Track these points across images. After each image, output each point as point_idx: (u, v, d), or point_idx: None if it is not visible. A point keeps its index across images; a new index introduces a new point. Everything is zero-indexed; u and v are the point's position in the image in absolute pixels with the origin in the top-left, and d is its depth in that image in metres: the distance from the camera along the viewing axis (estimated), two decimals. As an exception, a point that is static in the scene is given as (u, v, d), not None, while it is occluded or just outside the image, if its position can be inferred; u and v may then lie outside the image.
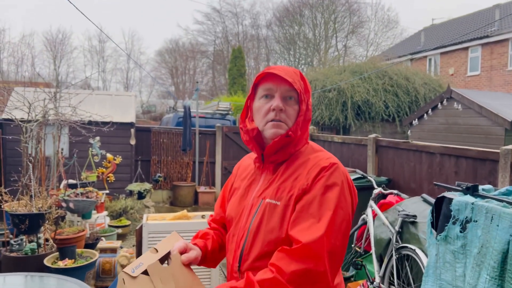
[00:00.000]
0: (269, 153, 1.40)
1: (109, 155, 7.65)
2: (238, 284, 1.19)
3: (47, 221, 3.99)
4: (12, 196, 4.03)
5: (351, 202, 1.33)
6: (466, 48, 17.41)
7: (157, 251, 1.37)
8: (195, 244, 1.47)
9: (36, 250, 3.81)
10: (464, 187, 2.57)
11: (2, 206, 3.91)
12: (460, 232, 2.43)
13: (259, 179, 1.46)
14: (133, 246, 5.67)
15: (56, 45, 28.14)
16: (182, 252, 1.37)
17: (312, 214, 1.24)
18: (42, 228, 3.93)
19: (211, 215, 1.71)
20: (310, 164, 1.35)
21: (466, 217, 2.40)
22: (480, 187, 2.57)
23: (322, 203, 1.25)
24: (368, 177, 4.84)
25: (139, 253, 3.70)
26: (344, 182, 1.31)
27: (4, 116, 5.48)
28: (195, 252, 1.40)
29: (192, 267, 1.39)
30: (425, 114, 9.89)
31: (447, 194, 2.63)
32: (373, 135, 5.75)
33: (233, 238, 1.44)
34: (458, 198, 2.49)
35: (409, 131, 10.62)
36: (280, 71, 1.37)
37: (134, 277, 1.24)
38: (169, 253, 1.36)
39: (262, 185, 1.43)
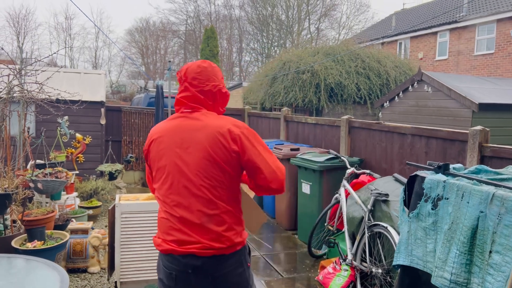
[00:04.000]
0: None
1: (78, 135, 7.43)
2: None
3: (14, 202, 3.85)
4: (-25, 176, 3.86)
5: None
6: (435, 33, 17.74)
7: None
8: None
9: (3, 231, 3.68)
10: (435, 166, 2.63)
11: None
12: (432, 209, 2.49)
13: None
14: (106, 226, 5.57)
15: (20, 21, 26.80)
16: None
17: None
18: (9, 209, 3.79)
19: None
20: None
21: (438, 194, 2.46)
22: (451, 166, 2.64)
23: None
24: (342, 158, 4.91)
25: (112, 234, 3.63)
26: None
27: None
28: None
29: None
30: (396, 97, 10.06)
31: (420, 173, 2.68)
32: (346, 117, 5.81)
33: None
34: (430, 177, 2.55)
35: (380, 113, 10.80)
36: None
37: None
38: None
39: None
